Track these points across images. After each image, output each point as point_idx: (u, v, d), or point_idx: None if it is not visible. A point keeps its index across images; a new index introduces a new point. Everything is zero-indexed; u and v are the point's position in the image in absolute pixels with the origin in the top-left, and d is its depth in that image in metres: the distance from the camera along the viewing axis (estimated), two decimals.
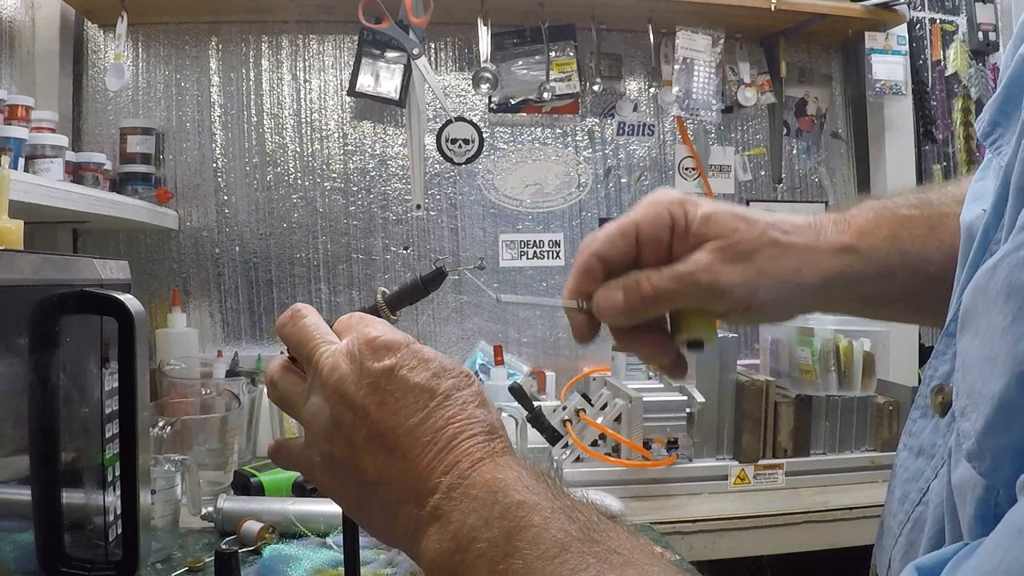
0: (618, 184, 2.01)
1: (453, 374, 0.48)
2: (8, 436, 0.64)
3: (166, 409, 1.36)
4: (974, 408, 0.37)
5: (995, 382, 0.35)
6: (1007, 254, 0.36)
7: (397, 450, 0.46)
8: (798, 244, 0.57)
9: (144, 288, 1.82)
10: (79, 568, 0.67)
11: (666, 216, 0.57)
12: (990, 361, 0.36)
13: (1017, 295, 0.35)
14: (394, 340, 0.49)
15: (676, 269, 0.56)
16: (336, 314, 0.53)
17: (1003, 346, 0.35)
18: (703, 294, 0.56)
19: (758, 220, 0.57)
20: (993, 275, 0.37)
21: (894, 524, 0.48)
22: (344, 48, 1.91)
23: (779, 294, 0.58)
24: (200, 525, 1.17)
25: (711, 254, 0.56)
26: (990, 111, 0.46)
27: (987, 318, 0.37)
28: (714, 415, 1.45)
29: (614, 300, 0.56)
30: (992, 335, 0.36)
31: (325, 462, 0.49)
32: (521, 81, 1.91)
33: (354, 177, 1.92)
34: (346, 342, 0.50)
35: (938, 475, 0.45)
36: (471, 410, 0.47)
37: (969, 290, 0.39)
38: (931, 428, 0.47)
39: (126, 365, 0.68)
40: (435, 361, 0.49)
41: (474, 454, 0.45)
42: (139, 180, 1.76)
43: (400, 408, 0.47)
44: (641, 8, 1.86)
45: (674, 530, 1.29)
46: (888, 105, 2.03)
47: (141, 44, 1.85)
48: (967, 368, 0.38)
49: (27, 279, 0.65)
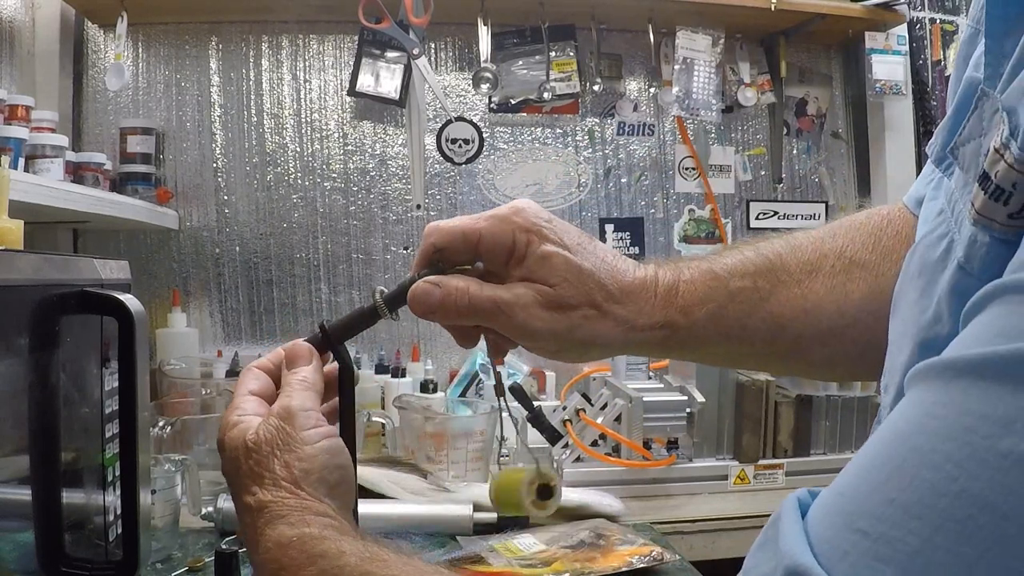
0: (618, 184, 2.01)
1: (255, 451, 0.55)
2: (8, 436, 0.65)
3: (166, 409, 1.36)
4: (892, 381, 0.39)
5: (904, 353, 0.37)
6: (924, 236, 0.39)
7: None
8: (617, 314, 0.58)
9: (144, 288, 1.82)
10: (79, 568, 0.67)
11: (509, 240, 0.58)
12: (904, 335, 0.38)
13: (926, 271, 0.37)
14: (233, 422, 0.59)
15: (499, 295, 0.57)
16: (336, 313, 0.54)
17: (912, 319, 0.37)
18: (513, 328, 0.57)
19: (589, 276, 0.58)
20: (912, 257, 0.40)
21: None
22: (344, 48, 1.91)
23: (586, 350, 0.60)
24: (200, 525, 1.17)
25: (535, 295, 0.57)
26: (941, 135, 0.47)
27: (905, 297, 0.39)
28: (714, 415, 1.45)
29: (430, 296, 0.57)
30: (907, 311, 0.38)
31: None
32: (521, 81, 1.91)
33: (354, 177, 1.92)
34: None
35: None
36: (278, 473, 0.53)
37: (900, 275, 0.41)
38: None
39: (126, 365, 0.68)
40: (247, 445, 0.56)
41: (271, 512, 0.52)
42: (139, 180, 1.76)
43: (235, 490, 0.58)
44: (641, 8, 1.86)
45: (674, 530, 1.29)
46: (888, 105, 2.03)
47: (141, 44, 1.85)
48: (891, 346, 0.41)
49: (27, 279, 0.65)
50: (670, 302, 0.59)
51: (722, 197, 2.04)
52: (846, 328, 0.60)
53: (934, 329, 0.35)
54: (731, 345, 0.61)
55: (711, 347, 0.61)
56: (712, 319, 0.59)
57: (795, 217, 2.08)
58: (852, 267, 0.60)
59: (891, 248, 0.60)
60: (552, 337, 0.58)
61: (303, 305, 1.89)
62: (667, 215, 2.03)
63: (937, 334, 0.34)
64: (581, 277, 0.57)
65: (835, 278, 0.60)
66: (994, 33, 0.37)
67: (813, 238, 0.63)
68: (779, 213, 2.07)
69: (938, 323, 0.35)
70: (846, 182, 2.13)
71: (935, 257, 0.37)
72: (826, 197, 2.10)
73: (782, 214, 2.07)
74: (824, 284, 0.60)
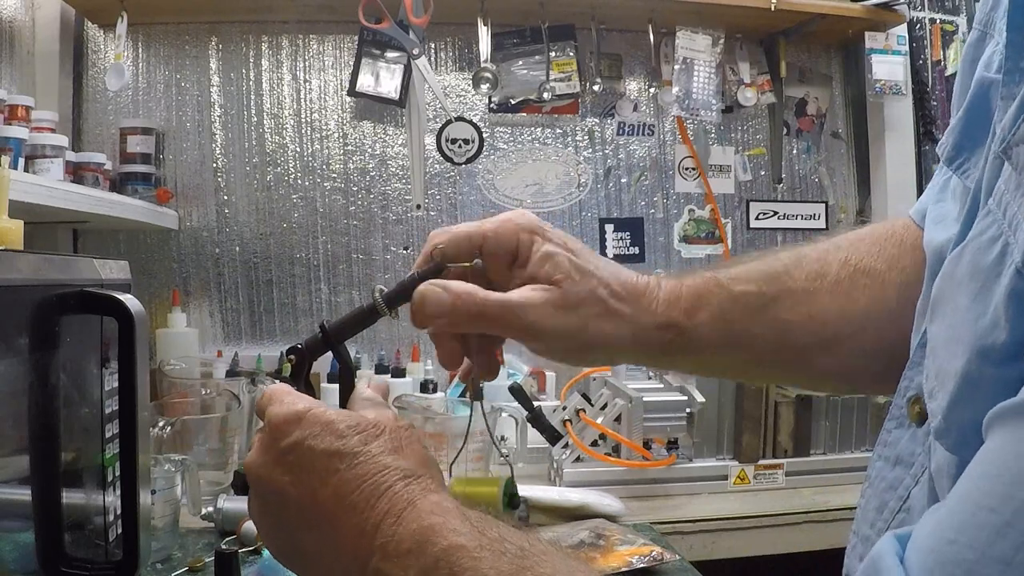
0: (618, 184, 2.01)
1: (359, 429, 0.48)
2: (8, 436, 0.65)
3: (166, 409, 1.36)
4: (941, 387, 0.39)
5: (958, 359, 0.36)
6: (972, 239, 0.38)
7: (325, 522, 0.46)
8: (623, 312, 0.58)
9: (144, 288, 1.82)
10: (79, 568, 0.67)
11: (514, 240, 0.58)
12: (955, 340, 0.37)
13: (979, 275, 0.36)
14: (293, 412, 0.49)
15: (508, 298, 0.56)
16: (336, 314, 0.54)
17: (965, 324, 0.36)
18: (523, 329, 0.57)
19: (592, 274, 0.58)
20: (959, 260, 0.39)
21: (872, 533, 0.49)
22: (344, 48, 1.91)
23: (593, 352, 0.59)
24: (200, 525, 1.17)
25: (544, 295, 0.56)
26: (954, 135, 0.47)
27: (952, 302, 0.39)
28: (714, 415, 1.45)
29: (441, 300, 0.55)
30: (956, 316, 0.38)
31: (272, 545, 0.51)
32: (521, 81, 1.91)
33: (354, 177, 1.92)
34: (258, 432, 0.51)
35: (919, 482, 0.45)
36: (383, 460, 0.46)
37: (938, 279, 0.40)
38: (908, 437, 0.48)
39: (126, 365, 0.68)
40: (340, 421, 0.48)
41: (396, 506, 0.44)
42: (139, 180, 1.76)
43: (312, 480, 0.46)
44: (641, 8, 1.86)
45: (674, 530, 1.29)
46: (888, 105, 2.03)
47: (141, 44, 1.85)
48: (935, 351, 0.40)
49: (27, 279, 0.65)
50: (673, 303, 0.59)
51: (722, 197, 2.04)
52: (852, 335, 0.60)
53: (992, 335, 0.34)
54: (736, 353, 0.61)
55: (716, 354, 0.61)
56: (716, 321, 0.59)
57: (795, 217, 2.08)
58: (857, 275, 0.60)
59: (896, 256, 0.60)
60: (561, 337, 0.57)
61: (303, 305, 1.89)
62: (667, 215, 2.03)
63: (995, 340, 0.34)
64: (585, 275, 0.57)
65: (840, 285, 0.60)
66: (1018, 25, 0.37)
67: (818, 249, 0.63)
68: (779, 213, 2.07)
69: (996, 329, 0.34)
70: (846, 182, 2.12)
71: (989, 261, 0.36)
72: (826, 197, 2.10)
73: (782, 214, 2.07)
74: (829, 291, 0.60)
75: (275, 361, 1.72)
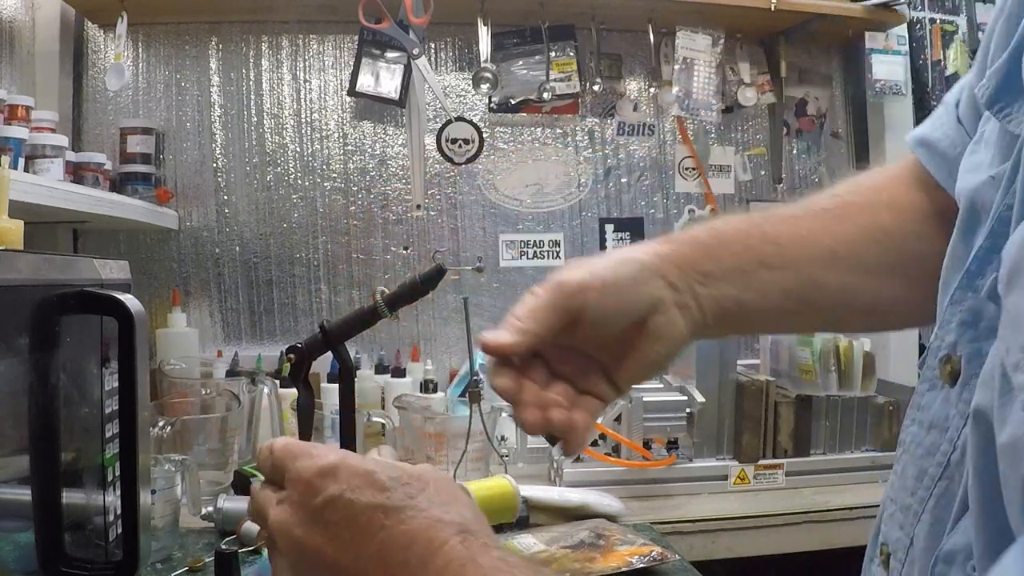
0: (618, 184, 2.01)
1: (402, 481, 0.44)
2: (8, 436, 0.65)
3: (166, 409, 1.36)
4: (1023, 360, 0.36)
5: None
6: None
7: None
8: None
9: (144, 288, 1.82)
10: (79, 568, 0.67)
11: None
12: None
13: None
14: (328, 464, 0.45)
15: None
16: (336, 314, 0.54)
17: None
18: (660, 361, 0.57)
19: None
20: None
21: (913, 501, 0.47)
22: (344, 48, 1.91)
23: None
24: (200, 525, 1.17)
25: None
26: (996, 78, 0.45)
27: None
28: (714, 415, 1.45)
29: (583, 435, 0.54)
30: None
31: None
32: (521, 81, 1.91)
33: (354, 177, 1.92)
34: (286, 488, 0.46)
35: (956, 447, 0.44)
36: (434, 513, 0.43)
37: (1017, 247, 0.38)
38: (941, 399, 0.47)
39: (126, 365, 0.68)
40: (381, 472, 0.44)
41: (453, 562, 0.41)
42: (139, 180, 1.76)
43: (355, 538, 0.42)
44: (641, 8, 1.86)
45: (674, 530, 1.29)
46: (888, 105, 2.03)
47: (141, 44, 1.85)
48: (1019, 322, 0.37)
49: (27, 279, 0.65)
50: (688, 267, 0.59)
51: (722, 197, 2.04)
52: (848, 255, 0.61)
53: None
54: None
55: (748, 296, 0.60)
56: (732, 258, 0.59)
57: None
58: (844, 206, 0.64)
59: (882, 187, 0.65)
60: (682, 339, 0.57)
61: (303, 305, 1.89)
62: (667, 215, 2.03)
63: None
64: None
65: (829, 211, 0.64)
66: None
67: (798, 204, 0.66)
68: None
69: None
70: None
71: None
72: None
73: None
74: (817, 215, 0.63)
75: (275, 361, 1.72)
